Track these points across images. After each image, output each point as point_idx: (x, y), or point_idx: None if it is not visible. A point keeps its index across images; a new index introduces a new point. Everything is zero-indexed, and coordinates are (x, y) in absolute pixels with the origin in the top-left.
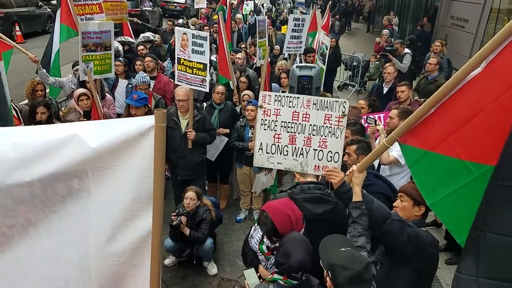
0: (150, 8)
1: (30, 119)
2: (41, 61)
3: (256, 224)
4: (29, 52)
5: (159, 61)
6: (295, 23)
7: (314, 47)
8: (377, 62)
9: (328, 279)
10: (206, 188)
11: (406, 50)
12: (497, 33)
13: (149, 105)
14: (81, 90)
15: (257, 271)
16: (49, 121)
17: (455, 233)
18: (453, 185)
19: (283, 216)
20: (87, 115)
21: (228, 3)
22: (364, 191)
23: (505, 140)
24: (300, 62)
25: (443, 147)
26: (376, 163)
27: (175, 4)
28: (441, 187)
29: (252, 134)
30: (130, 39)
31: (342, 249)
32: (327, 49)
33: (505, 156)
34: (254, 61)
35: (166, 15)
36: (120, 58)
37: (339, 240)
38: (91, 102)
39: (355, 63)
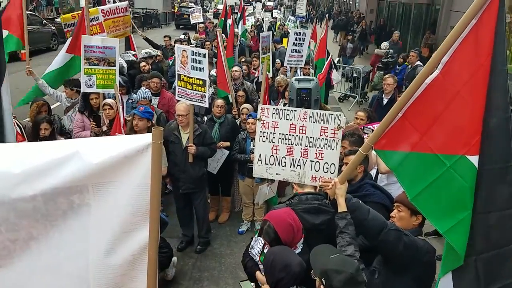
0: None
1: (34, 135)
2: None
3: (256, 235)
4: (30, 67)
5: (162, 78)
6: (296, 37)
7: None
8: (382, 72)
9: (322, 287)
10: (209, 200)
11: (418, 62)
12: (447, 37)
13: (152, 121)
14: (108, 100)
15: (255, 278)
16: (52, 136)
17: (436, 223)
18: (429, 178)
19: (286, 225)
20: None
21: (232, 18)
22: (360, 202)
23: (469, 128)
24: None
25: (420, 146)
26: (373, 173)
27: None
28: (420, 182)
29: (254, 146)
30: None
31: (332, 255)
32: (313, 53)
33: (484, 144)
34: (255, 75)
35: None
36: (120, 80)
37: (328, 249)
38: (115, 113)
39: (355, 75)
